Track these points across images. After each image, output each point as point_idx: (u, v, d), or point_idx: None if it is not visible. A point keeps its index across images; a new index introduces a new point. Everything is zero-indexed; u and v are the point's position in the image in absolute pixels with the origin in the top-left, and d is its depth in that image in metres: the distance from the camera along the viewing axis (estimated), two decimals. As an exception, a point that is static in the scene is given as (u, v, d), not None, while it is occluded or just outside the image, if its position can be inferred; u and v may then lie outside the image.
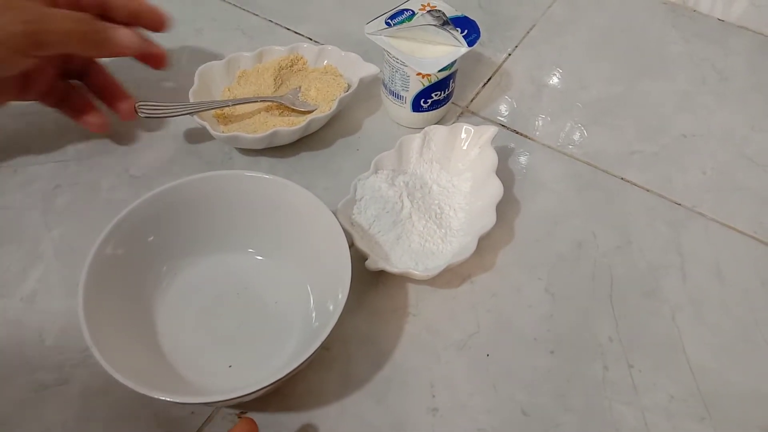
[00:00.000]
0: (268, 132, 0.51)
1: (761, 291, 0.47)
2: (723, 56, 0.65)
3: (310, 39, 0.65)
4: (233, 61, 0.57)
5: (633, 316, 0.46)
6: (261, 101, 0.54)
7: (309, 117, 0.52)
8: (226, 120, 0.55)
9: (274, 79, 0.57)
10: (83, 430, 0.39)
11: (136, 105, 0.52)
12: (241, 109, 0.55)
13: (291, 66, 0.58)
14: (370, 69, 0.56)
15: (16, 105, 0.57)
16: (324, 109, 0.54)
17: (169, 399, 0.34)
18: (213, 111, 0.54)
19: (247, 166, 0.54)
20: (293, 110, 0.55)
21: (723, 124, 0.59)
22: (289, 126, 0.53)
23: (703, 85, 0.63)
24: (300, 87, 0.56)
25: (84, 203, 0.50)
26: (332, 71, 0.58)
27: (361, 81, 0.55)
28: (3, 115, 0.56)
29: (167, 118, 0.54)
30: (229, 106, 0.54)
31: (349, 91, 0.54)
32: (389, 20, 0.52)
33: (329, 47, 0.58)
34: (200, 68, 0.55)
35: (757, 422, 0.41)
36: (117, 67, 0.54)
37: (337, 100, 0.53)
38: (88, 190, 0.51)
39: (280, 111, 0.55)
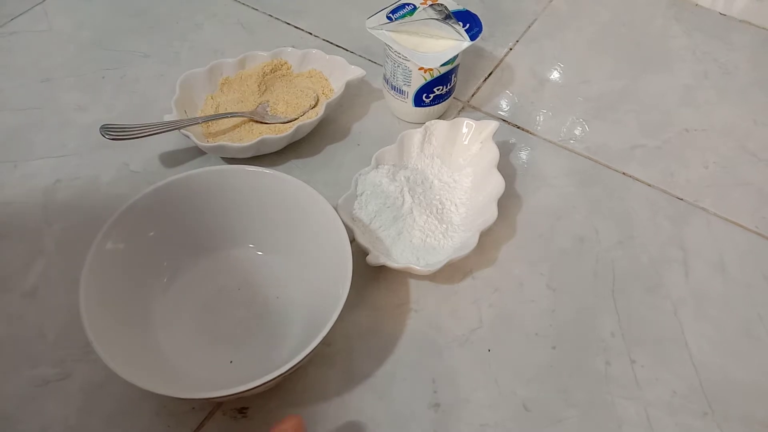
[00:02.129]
0: (254, 140, 0.50)
1: (764, 286, 0.47)
2: (725, 51, 0.65)
3: (310, 33, 0.64)
4: (215, 69, 0.56)
5: (635, 311, 0.46)
6: (231, 116, 0.53)
7: (296, 123, 0.51)
8: (210, 132, 0.53)
9: (258, 86, 0.56)
10: (84, 425, 0.39)
11: (101, 127, 0.50)
12: (225, 120, 0.54)
13: (274, 71, 0.57)
14: (355, 72, 0.54)
15: (17, 100, 0.57)
16: (311, 115, 0.53)
17: (170, 394, 0.34)
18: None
19: (249, 159, 0.53)
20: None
21: (725, 118, 0.59)
22: (275, 134, 0.52)
23: (705, 79, 0.62)
24: (268, 101, 0.55)
25: (84, 198, 0.50)
26: (317, 75, 0.57)
27: (348, 84, 0.54)
28: (3, 111, 0.56)
29: (135, 139, 0.50)
30: (198, 123, 0.51)
31: (334, 96, 0.53)
32: (391, 14, 0.52)
33: (313, 51, 0.57)
34: (182, 77, 0.54)
35: (760, 417, 0.41)
36: (122, 62, 0.54)
37: (324, 105, 0.52)
38: (89, 185, 0.51)
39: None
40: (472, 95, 0.60)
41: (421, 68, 0.51)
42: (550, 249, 0.49)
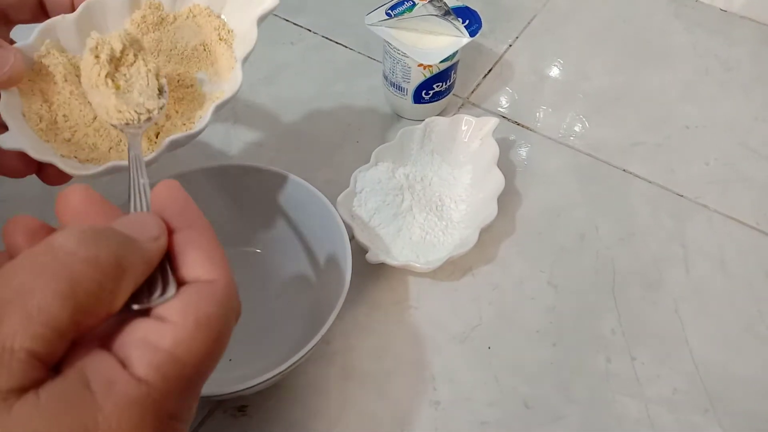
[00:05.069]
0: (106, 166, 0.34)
1: (765, 282, 0.47)
2: (726, 47, 0.65)
3: (309, 30, 0.64)
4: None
5: (636, 308, 0.46)
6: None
7: (168, 138, 0.34)
8: (49, 130, 0.35)
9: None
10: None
11: None
12: (63, 109, 0.35)
13: (142, 26, 0.37)
14: (264, 3, 0.36)
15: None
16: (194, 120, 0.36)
17: (169, 393, 0.34)
18: (23, 119, 0.34)
19: (247, 155, 0.53)
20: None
21: (726, 115, 0.59)
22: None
23: (706, 75, 0.62)
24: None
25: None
26: (202, 13, 0.38)
27: (261, 19, 0.36)
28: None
29: None
30: None
31: (244, 50, 0.36)
32: (390, 10, 0.52)
33: None
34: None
35: (761, 414, 0.41)
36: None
37: (212, 107, 0.35)
38: (86, 182, 0.51)
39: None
40: (472, 92, 0.59)
41: (420, 65, 0.51)
42: (550, 246, 0.49)
